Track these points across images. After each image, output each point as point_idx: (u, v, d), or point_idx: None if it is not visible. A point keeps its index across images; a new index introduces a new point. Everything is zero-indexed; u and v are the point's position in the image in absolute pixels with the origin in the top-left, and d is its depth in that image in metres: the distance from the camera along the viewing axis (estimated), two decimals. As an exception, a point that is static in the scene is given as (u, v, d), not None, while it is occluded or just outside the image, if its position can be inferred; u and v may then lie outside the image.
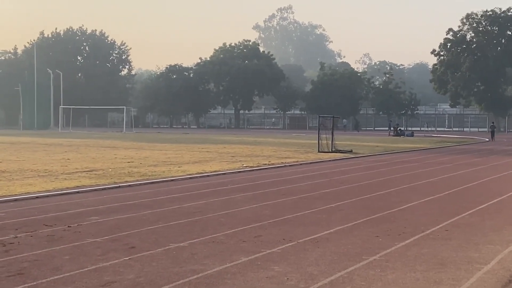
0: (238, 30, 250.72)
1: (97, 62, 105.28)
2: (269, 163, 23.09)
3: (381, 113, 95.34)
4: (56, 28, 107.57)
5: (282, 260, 7.44)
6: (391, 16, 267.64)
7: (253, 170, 20.41)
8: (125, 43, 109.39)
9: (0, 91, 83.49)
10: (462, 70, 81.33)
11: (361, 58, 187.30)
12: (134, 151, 29.41)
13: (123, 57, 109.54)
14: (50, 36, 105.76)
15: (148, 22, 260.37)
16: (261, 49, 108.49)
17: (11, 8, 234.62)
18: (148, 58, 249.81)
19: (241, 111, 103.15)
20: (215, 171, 19.37)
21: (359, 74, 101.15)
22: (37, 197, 12.94)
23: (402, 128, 67.78)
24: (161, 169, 19.68)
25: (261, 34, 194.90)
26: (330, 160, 25.49)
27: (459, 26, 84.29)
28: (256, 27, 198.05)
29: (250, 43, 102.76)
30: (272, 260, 7.46)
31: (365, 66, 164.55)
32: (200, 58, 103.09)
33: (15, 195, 13.10)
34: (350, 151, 30.94)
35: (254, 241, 8.53)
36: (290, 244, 8.38)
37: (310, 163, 24.02)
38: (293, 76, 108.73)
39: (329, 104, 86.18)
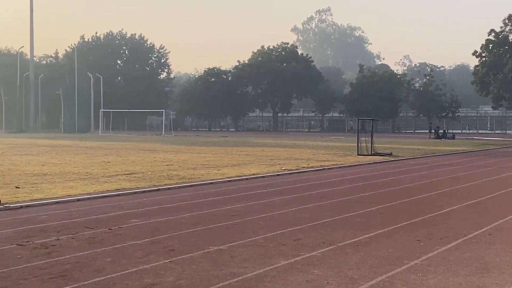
0: (277, 33, 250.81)
1: (137, 65, 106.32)
2: (308, 166, 23.00)
3: (421, 115, 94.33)
4: (96, 32, 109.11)
5: (322, 264, 7.39)
6: (432, 17, 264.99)
7: (292, 173, 20.35)
8: (164, 46, 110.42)
9: (42, 95, 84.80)
10: (504, 72, 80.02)
11: (401, 60, 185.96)
12: (173, 154, 29.59)
13: (162, 60, 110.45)
14: (90, 40, 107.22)
15: (187, 25, 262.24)
16: (300, 52, 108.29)
17: (52, 13, 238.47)
18: (186, 62, 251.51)
19: (280, 114, 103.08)
20: (253, 174, 19.36)
21: (398, 76, 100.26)
22: (78, 199, 13.09)
23: (443, 131, 66.94)
24: (200, 172, 19.75)
25: (300, 37, 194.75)
26: (369, 163, 25.29)
27: (501, 27, 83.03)
28: (295, 29, 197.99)
29: (289, 45, 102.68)
30: (312, 263, 7.41)
31: (405, 68, 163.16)
32: (239, 61, 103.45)
33: (57, 197, 13.27)
34: (390, 154, 30.67)
35: (293, 245, 8.49)
36: (329, 247, 8.31)
37: (349, 166, 23.86)
38: (331, 78, 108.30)
39: (368, 107, 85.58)
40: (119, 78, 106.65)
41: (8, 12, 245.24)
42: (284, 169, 21.38)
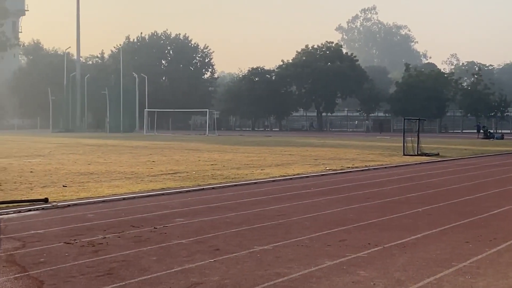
0: (321, 32, 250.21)
1: (181, 65, 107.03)
2: (353, 166, 22.83)
3: (469, 115, 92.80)
4: (141, 33, 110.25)
5: (368, 265, 7.29)
6: (480, 15, 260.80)
7: (336, 173, 20.22)
8: (208, 46, 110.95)
9: (88, 95, 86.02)
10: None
11: (448, 58, 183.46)
12: (217, 154, 29.70)
13: (206, 60, 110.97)
14: (135, 40, 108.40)
15: (231, 25, 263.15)
16: (344, 51, 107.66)
17: (98, 14, 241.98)
18: (230, 61, 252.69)
19: (324, 114, 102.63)
20: (298, 174, 19.29)
21: (445, 75, 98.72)
22: (124, 198, 13.21)
23: (492, 131, 65.76)
24: (244, 172, 19.76)
25: (344, 36, 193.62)
26: (416, 164, 24.97)
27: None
28: (339, 28, 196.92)
29: (333, 44, 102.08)
30: (357, 264, 7.33)
31: (452, 67, 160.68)
32: (282, 61, 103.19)
33: (103, 196, 13.42)
34: (437, 154, 30.25)
35: (339, 245, 8.41)
36: (376, 248, 8.21)
37: (395, 166, 23.60)
38: (377, 77, 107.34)
39: (414, 106, 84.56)
40: (164, 78, 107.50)
41: (56, 14, 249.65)
42: (329, 169, 21.26)
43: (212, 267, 7.11)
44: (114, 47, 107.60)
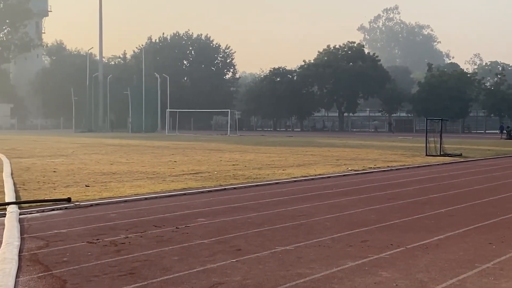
0: (343, 32, 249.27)
1: (203, 66, 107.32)
2: (375, 166, 22.73)
3: (492, 115, 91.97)
4: (163, 33, 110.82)
5: (390, 266, 7.25)
6: (503, 15, 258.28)
7: (358, 173, 20.14)
8: (229, 46, 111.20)
9: (110, 95, 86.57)
10: None
11: (471, 58, 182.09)
12: (238, 154, 29.73)
13: (228, 60, 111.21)
14: (157, 41, 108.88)
15: (253, 25, 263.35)
16: (366, 51, 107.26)
17: (120, 15, 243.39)
18: (252, 62, 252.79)
19: (345, 114, 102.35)
20: (319, 174, 19.24)
21: (469, 75, 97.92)
22: (146, 198, 13.27)
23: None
24: (265, 172, 19.76)
25: (366, 36, 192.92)
26: (438, 164, 24.80)
27: None
28: (361, 28, 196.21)
29: (355, 44, 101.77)
30: (380, 265, 7.29)
31: (475, 66, 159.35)
32: (304, 61, 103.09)
33: (125, 196, 13.48)
34: (460, 155, 30.02)
35: (361, 246, 8.38)
36: (398, 249, 8.16)
37: (418, 167, 23.45)
38: (399, 77, 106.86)
39: (437, 107, 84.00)
40: (185, 78, 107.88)
41: (78, 14, 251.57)
42: (351, 170, 21.19)
43: (234, 267, 7.11)
44: (136, 48, 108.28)
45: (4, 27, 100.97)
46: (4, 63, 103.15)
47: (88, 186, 15.32)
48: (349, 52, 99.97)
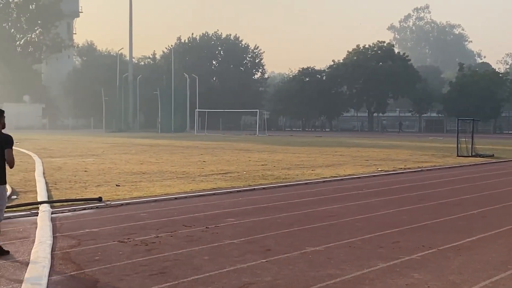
0: (372, 31, 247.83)
1: (231, 66, 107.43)
2: (405, 167, 22.55)
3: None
4: (192, 34, 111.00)
5: (422, 268, 7.19)
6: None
7: (388, 174, 20.01)
8: (258, 46, 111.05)
9: (140, 95, 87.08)
10: None
11: (503, 58, 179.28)
12: (267, 154, 29.71)
13: (257, 60, 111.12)
14: (186, 41, 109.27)
15: (281, 25, 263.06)
16: (396, 50, 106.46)
17: (150, 15, 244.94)
18: (281, 62, 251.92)
19: (375, 114, 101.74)
20: (349, 175, 19.15)
21: (500, 75, 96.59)
22: (175, 198, 13.32)
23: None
24: (294, 172, 19.72)
25: (396, 35, 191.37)
26: (470, 165, 24.53)
27: None
28: (391, 27, 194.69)
29: (385, 44, 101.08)
30: (411, 267, 7.23)
31: (508, 66, 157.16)
32: (333, 61, 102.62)
33: (155, 196, 13.56)
34: (492, 156, 29.66)
35: (392, 247, 8.32)
36: (429, 251, 8.09)
37: (449, 167, 23.22)
38: (429, 77, 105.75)
39: (468, 107, 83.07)
40: (214, 79, 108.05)
41: (109, 15, 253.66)
42: (380, 170, 21.05)
43: (264, 268, 7.10)
44: (166, 48, 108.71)
45: (36, 28, 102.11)
46: (36, 64, 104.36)
47: (119, 185, 15.43)
48: (379, 51, 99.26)
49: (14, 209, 11.22)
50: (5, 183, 7.97)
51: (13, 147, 7.97)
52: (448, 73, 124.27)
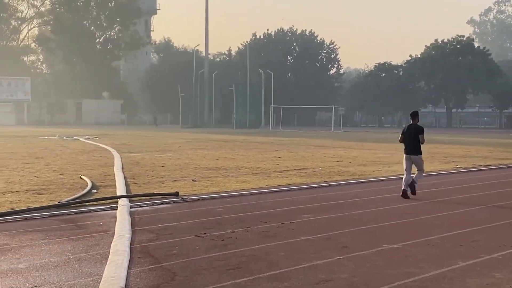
0: (451, 26, 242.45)
1: (306, 61, 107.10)
2: (485, 164, 21.97)
3: None
4: (267, 29, 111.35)
5: (503, 267, 6.98)
6: None
7: (468, 171, 19.54)
8: (334, 42, 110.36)
9: (216, 91, 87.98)
10: None
11: None
12: (343, 150, 29.50)
13: (332, 56, 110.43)
14: (261, 37, 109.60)
15: (357, 20, 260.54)
16: (476, 45, 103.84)
17: (226, 12, 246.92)
18: (356, 57, 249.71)
19: (454, 110, 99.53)
20: (427, 172, 18.75)
21: None
22: (251, 193, 13.38)
23: None
24: (370, 169, 19.51)
25: (476, 29, 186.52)
26: (553, 162, 23.67)
27: None
28: (471, 21, 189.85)
29: (464, 38, 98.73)
30: (492, 266, 7.04)
31: None
32: (411, 56, 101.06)
33: (231, 191, 13.65)
34: None
35: (471, 246, 8.11)
36: (511, 250, 7.84)
37: (531, 164, 22.48)
38: (511, 72, 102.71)
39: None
40: (289, 74, 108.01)
41: (185, 12, 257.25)
42: (460, 167, 20.57)
43: (341, 265, 7.05)
44: (241, 44, 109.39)
45: (115, 26, 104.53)
46: (115, 61, 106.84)
47: (195, 181, 15.61)
48: (458, 46, 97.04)
49: (94, 203, 11.51)
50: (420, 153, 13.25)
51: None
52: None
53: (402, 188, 12.91)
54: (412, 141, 13.21)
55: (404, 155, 13.43)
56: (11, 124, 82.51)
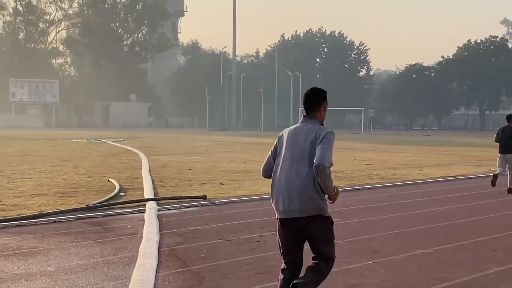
0: (483, 26, 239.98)
1: (336, 63, 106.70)
2: (519, 167, 21.53)
3: None
4: (296, 31, 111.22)
5: (540, 274, 6.78)
6: None
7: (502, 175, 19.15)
8: (363, 43, 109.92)
9: (243, 93, 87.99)
10: None
11: None
12: (373, 153, 29.24)
13: (362, 57, 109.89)
14: (290, 39, 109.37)
15: (387, 20, 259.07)
16: (510, 45, 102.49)
17: (254, 13, 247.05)
18: (387, 58, 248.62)
19: (487, 112, 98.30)
20: (459, 175, 18.52)
21: None
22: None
23: None
24: (401, 172, 19.27)
25: (510, 29, 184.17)
26: None
27: None
28: (505, 21, 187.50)
29: (498, 39, 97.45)
30: (528, 273, 6.84)
31: None
32: (442, 57, 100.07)
33: (259, 194, 13.52)
34: None
35: (506, 251, 7.92)
36: (548, 256, 7.64)
37: None
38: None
39: None
40: (318, 76, 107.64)
41: (213, 14, 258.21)
42: (494, 171, 20.20)
43: (371, 269, 6.91)
44: (269, 46, 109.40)
45: (142, 28, 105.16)
46: (142, 63, 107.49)
47: (223, 184, 15.55)
48: (492, 47, 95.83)
49: (122, 205, 11.51)
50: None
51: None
52: None
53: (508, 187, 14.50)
54: (507, 142, 15.02)
55: (499, 155, 15.25)
56: (39, 127, 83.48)
